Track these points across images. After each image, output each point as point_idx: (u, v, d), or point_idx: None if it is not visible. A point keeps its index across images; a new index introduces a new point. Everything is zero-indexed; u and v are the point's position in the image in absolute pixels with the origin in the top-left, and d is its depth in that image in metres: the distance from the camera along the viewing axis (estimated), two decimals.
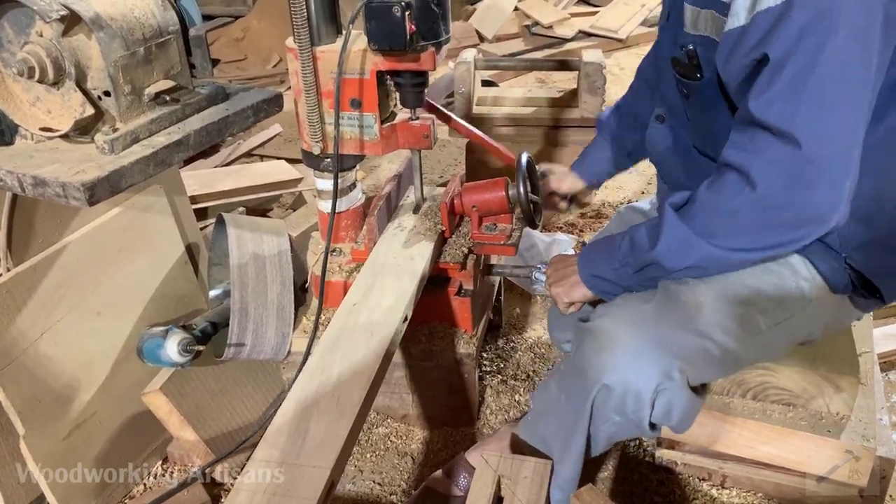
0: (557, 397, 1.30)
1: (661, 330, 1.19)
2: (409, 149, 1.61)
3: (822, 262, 1.26)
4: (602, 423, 1.25)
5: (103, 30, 1.22)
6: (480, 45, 4.65)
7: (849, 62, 1.02)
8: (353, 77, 1.45)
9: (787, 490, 1.50)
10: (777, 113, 1.05)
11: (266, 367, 1.76)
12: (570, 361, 1.28)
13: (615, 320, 1.22)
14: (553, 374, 1.35)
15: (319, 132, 1.50)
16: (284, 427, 1.10)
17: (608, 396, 1.19)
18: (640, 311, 1.22)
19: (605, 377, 1.18)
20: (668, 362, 1.18)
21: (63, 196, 1.19)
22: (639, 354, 1.17)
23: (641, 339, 1.18)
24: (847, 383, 1.41)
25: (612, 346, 1.19)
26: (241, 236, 1.60)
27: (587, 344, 1.22)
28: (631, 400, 1.18)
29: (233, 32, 4.90)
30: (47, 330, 1.44)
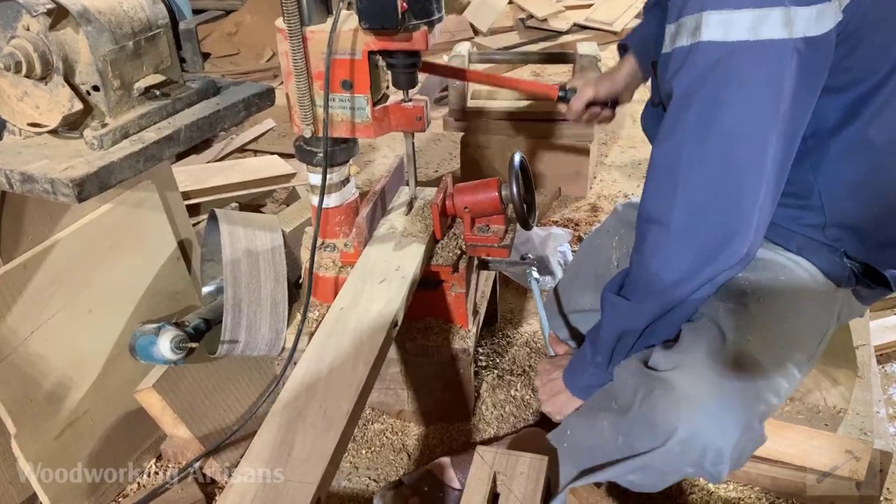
0: (612, 437, 1.25)
1: (740, 382, 1.16)
2: (402, 132, 1.57)
3: (818, 258, 1.26)
4: (672, 472, 1.21)
5: (91, 24, 1.20)
6: (475, 38, 4.64)
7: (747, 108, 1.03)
8: (344, 58, 1.41)
9: (783, 484, 1.49)
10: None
11: (260, 363, 1.75)
12: (633, 406, 1.21)
13: (692, 374, 1.16)
14: (603, 411, 1.29)
15: (310, 115, 1.46)
16: (269, 440, 1.06)
17: (684, 450, 1.15)
18: (715, 365, 1.17)
19: (682, 432, 1.13)
20: (749, 416, 1.15)
21: (52, 192, 1.18)
22: (721, 412, 1.13)
23: (722, 395, 1.14)
24: (844, 376, 1.41)
25: (692, 402, 1.14)
26: (233, 232, 1.59)
27: (660, 396, 1.16)
28: (711, 455, 1.14)
29: (226, 27, 4.88)
30: (38, 328, 1.43)
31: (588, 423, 1.31)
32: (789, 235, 1.27)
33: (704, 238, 1.10)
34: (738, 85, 1.02)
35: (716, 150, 1.05)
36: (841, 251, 1.24)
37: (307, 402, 1.13)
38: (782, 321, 1.23)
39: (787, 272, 1.26)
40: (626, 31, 4.59)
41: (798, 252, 1.27)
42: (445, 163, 3.21)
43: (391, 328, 1.31)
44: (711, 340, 1.20)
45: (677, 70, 1.05)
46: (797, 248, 1.27)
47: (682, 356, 1.19)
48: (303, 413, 1.11)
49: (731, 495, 1.53)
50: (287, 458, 1.03)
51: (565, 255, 2.29)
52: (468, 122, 2.68)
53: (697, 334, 1.23)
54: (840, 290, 1.29)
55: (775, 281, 1.25)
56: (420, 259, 1.53)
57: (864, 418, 1.40)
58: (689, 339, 1.23)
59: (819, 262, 1.27)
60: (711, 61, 1.01)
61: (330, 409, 1.11)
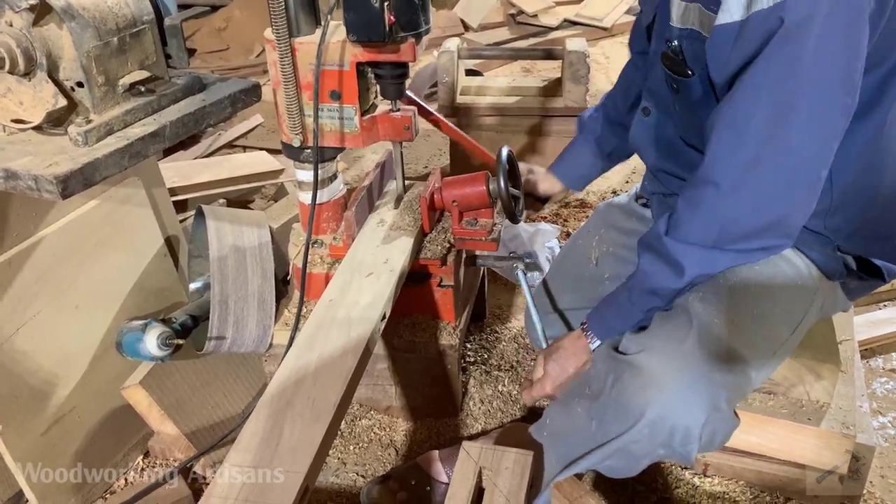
0: (586, 423, 1.26)
1: (706, 363, 1.18)
2: (391, 141, 1.59)
3: (813, 251, 1.27)
4: (644, 456, 1.23)
5: (75, 19, 1.20)
6: (465, 34, 4.63)
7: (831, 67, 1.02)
8: (333, 69, 1.43)
9: (767, 478, 1.51)
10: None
11: (248, 360, 1.75)
12: (604, 391, 1.23)
13: (659, 356, 1.19)
14: (581, 397, 1.30)
15: (299, 124, 1.48)
16: (258, 430, 1.07)
17: (654, 431, 1.17)
18: (682, 345, 1.19)
19: (651, 413, 1.16)
20: (715, 395, 1.17)
21: (36, 189, 1.17)
22: (688, 391, 1.15)
23: (689, 374, 1.16)
24: (827, 371, 1.42)
25: (659, 383, 1.16)
26: (220, 228, 1.59)
27: (629, 379, 1.19)
28: (679, 435, 1.17)
29: (215, 22, 4.86)
30: (23, 325, 1.42)
31: (564, 411, 1.32)
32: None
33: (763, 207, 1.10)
34: (819, 47, 1.00)
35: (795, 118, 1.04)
36: (835, 244, 1.25)
37: (295, 392, 1.14)
38: (752, 307, 1.24)
39: (770, 262, 1.27)
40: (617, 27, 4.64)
41: (794, 244, 1.28)
42: (435, 158, 3.21)
43: (379, 321, 1.31)
44: (679, 325, 1.22)
45: (758, 37, 1.02)
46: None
47: (649, 339, 1.22)
48: (291, 403, 1.12)
49: (717, 489, 1.54)
50: (275, 447, 1.04)
51: (553, 250, 2.30)
52: (457, 117, 2.68)
53: (666, 319, 1.25)
54: (825, 282, 1.30)
55: (749, 270, 1.26)
56: (408, 252, 1.53)
57: (847, 412, 1.41)
58: (657, 324, 1.25)
59: (813, 254, 1.28)
60: (796, 22, 0.98)
61: (318, 400, 1.12)
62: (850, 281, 1.33)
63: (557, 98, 2.61)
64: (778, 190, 1.08)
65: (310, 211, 1.49)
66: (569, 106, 2.55)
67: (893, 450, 1.66)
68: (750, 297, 1.25)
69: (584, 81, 2.52)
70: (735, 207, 1.10)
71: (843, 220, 1.23)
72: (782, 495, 1.51)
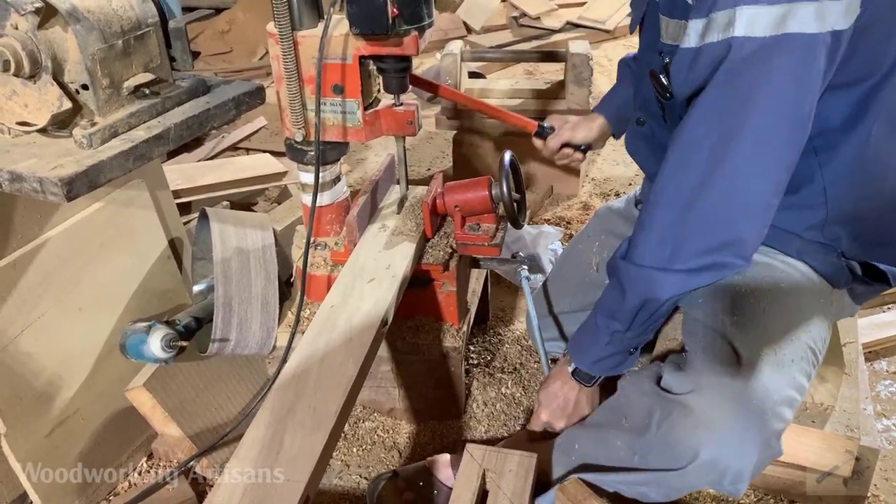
0: (627, 456, 1.25)
1: (757, 403, 1.16)
2: (394, 136, 1.58)
3: (815, 260, 1.27)
4: (685, 490, 1.22)
5: (80, 22, 1.20)
6: (468, 36, 4.64)
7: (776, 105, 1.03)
8: (336, 62, 1.42)
9: (771, 480, 1.50)
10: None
11: (251, 362, 1.75)
12: (650, 428, 1.22)
13: (712, 397, 1.17)
14: (614, 429, 1.29)
15: (301, 119, 1.47)
16: (258, 439, 1.06)
17: (706, 471, 1.16)
18: (733, 384, 1.18)
19: (705, 455, 1.14)
20: (768, 434, 1.16)
21: (40, 191, 1.17)
22: (743, 433, 1.14)
23: (744, 417, 1.15)
24: (831, 374, 1.42)
25: (712, 425, 1.15)
26: (224, 230, 1.59)
27: (678, 419, 1.17)
28: (731, 475, 1.16)
29: (218, 25, 4.87)
30: (28, 326, 1.42)
31: (597, 439, 1.31)
32: (788, 239, 1.27)
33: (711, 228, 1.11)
34: (766, 81, 1.01)
35: (739, 148, 1.05)
36: (838, 251, 1.25)
37: (296, 400, 1.13)
38: (789, 331, 1.23)
39: (787, 277, 1.27)
40: (619, 30, 4.64)
41: (798, 256, 1.28)
42: (438, 161, 3.21)
43: (381, 327, 1.31)
44: (725, 360, 1.21)
45: (708, 65, 1.05)
46: (796, 251, 1.28)
47: (698, 378, 1.20)
48: (292, 411, 1.11)
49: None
50: (276, 456, 1.04)
51: (556, 253, 2.30)
52: (460, 120, 2.68)
53: (709, 353, 1.23)
54: (835, 291, 1.30)
55: (777, 288, 1.26)
56: (410, 258, 1.53)
57: (851, 415, 1.41)
58: (701, 359, 1.23)
59: (817, 264, 1.27)
60: (743, 56, 1.01)
61: (319, 408, 1.11)
62: (857, 286, 1.33)
63: (560, 100, 2.61)
64: (725, 213, 1.09)
65: (311, 208, 1.48)
66: (571, 108, 2.55)
67: None
68: (785, 317, 1.24)
69: (587, 84, 2.52)
70: (684, 227, 1.11)
71: (841, 229, 1.23)
72: (786, 498, 1.51)
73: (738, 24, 0.99)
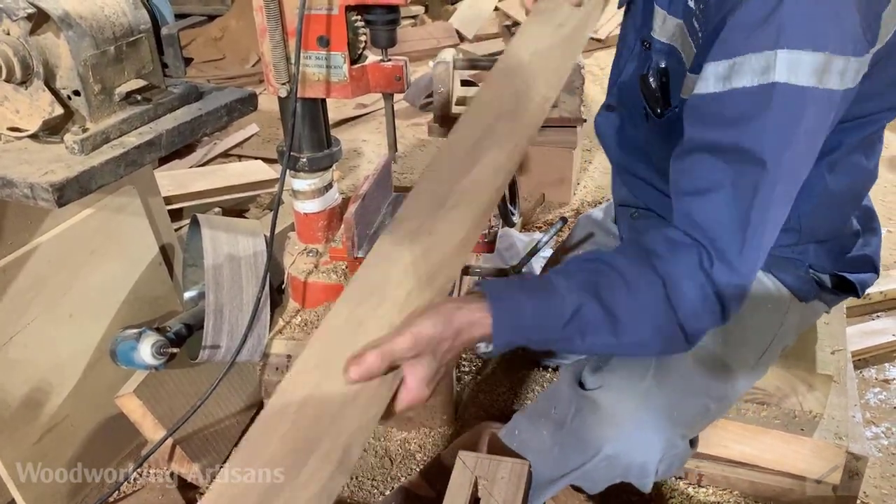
0: (550, 447, 1.28)
1: (663, 401, 1.18)
2: (381, 93, 1.55)
3: (786, 274, 1.27)
4: (602, 481, 1.26)
5: (72, 28, 1.20)
6: (460, 44, 4.65)
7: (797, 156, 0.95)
8: (321, 13, 1.38)
9: (761, 488, 1.51)
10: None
11: (242, 369, 1.75)
12: (566, 421, 1.25)
13: (617, 394, 1.20)
14: (547, 418, 1.30)
15: (285, 73, 1.43)
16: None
17: (611, 464, 1.19)
18: (641, 382, 1.19)
19: (608, 448, 1.17)
20: (672, 433, 1.18)
21: (31, 197, 1.17)
22: (645, 430, 1.17)
23: (646, 413, 1.17)
24: (820, 381, 1.42)
25: (616, 420, 1.17)
26: (216, 237, 1.59)
27: (588, 413, 1.21)
28: (636, 469, 1.19)
29: (211, 32, 4.87)
30: (17, 333, 1.42)
31: (532, 426, 1.33)
32: None
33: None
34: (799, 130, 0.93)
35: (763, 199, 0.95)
36: (806, 265, 1.26)
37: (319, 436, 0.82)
38: (717, 336, 1.21)
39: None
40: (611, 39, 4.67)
41: (766, 269, 1.27)
42: None
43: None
44: (640, 362, 1.22)
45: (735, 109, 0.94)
46: (765, 265, 1.28)
47: (609, 376, 1.23)
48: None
49: (711, 499, 1.54)
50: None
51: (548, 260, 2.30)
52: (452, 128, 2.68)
53: (630, 363, 1.24)
54: (797, 303, 1.29)
55: None
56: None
57: (840, 423, 1.41)
58: (618, 360, 1.24)
59: (785, 277, 1.27)
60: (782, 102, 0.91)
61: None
62: (826, 296, 1.33)
63: (552, 109, 2.61)
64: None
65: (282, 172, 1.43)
66: (563, 117, 2.56)
67: (887, 460, 1.66)
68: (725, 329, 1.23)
69: (579, 93, 2.53)
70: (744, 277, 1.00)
71: (812, 247, 1.24)
72: None
73: (779, 68, 0.90)
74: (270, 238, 1.52)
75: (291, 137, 1.46)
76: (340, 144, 1.70)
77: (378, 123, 3.64)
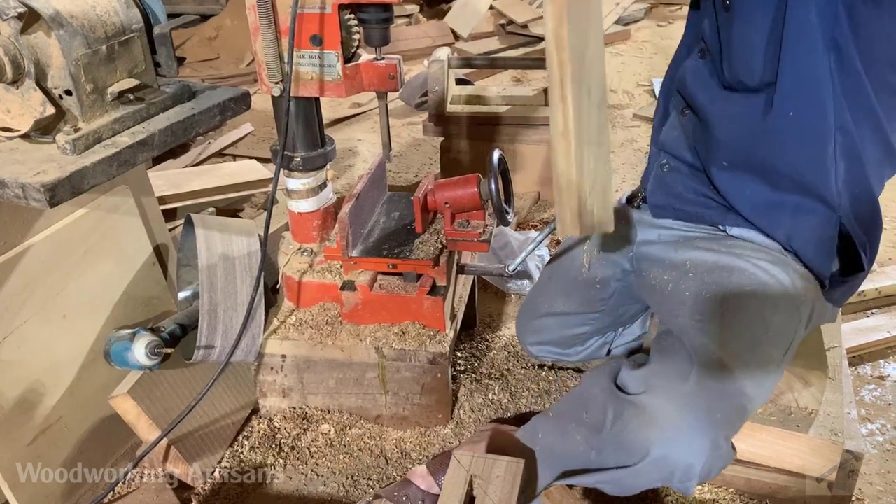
0: (585, 451, 1.27)
1: (706, 402, 1.19)
2: (375, 91, 1.55)
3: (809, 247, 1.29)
4: (640, 487, 1.25)
5: (63, 28, 1.20)
6: (455, 43, 4.65)
7: None
8: (314, 11, 1.38)
9: (757, 485, 1.51)
10: None
11: (237, 369, 1.74)
12: (605, 426, 1.24)
13: (662, 397, 1.20)
14: (574, 422, 1.30)
15: (278, 72, 1.43)
16: None
17: (655, 468, 1.19)
18: (684, 384, 1.20)
19: (655, 452, 1.17)
20: (716, 434, 1.18)
21: (23, 197, 1.17)
22: (691, 432, 1.17)
23: (692, 416, 1.17)
24: (816, 378, 1.43)
25: (662, 424, 1.17)
26: (210, 237, 1.58)
27: (630, 418, 1.20)
28: (680, 473, 1.18)
29: (205, 31, 4.86)
30: (10, 334, 1.41)
31: (559, 431, 1.32)
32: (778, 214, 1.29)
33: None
34: None
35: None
36: (838, 216, 1.26)
37: None
38: (747, 333, 1.24)
39: (755, 281, 1.28)
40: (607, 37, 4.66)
41: (787, 241, 1.29)
42: (426, 167, 3.21)
43: None
44: (680, 362, 1.23)
45: None
46: (786, 235, 1.29)
47: (651, 378, 1.23)
48: None
49: (707, 497, 1.54)
50: None
51: (543, 258, 2.30)
52: (447, 126, 2.69)
53: (666, 355, 1.26)
54: (811, 290, 1.30)
55: (741, 291, 1.27)
56: None
57: (836, 419, 1.41)
58: (656, 360, 1.26)
59: (808, 248, 1.28)
60: None
61: None
62: (833, 291, 1.34)
63: (548, 107, 2.61)
64: None
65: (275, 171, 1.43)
66: None
67: (882, 457, 1.66)
68: (744, 320, 1.25)
69: None
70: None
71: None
72: (772, 503, 1.51)
73: None
74: (265, 238, 1.52)
75: (285, 136, 1.46)
76: (334, 144, 1.70)
77: (373, 122, 3.64)
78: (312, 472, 1.64)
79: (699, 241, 1.39)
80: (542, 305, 1.66)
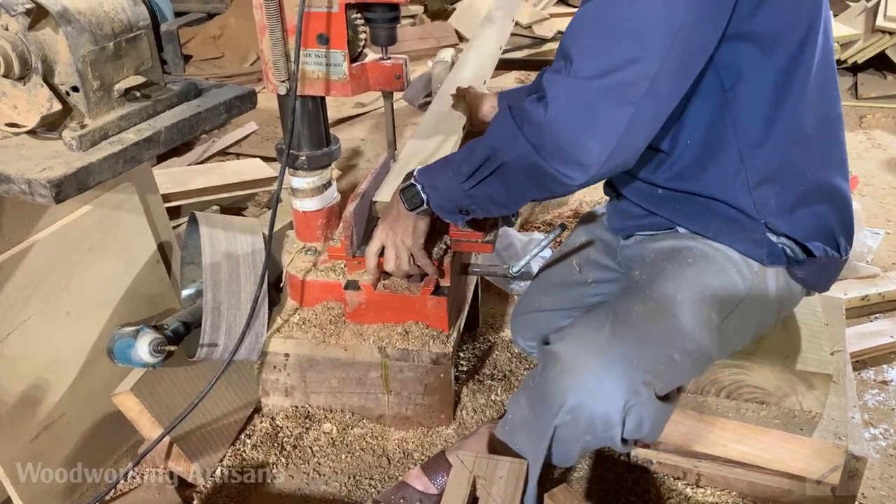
0: (528, 414, 1.30)
1: (622, 348, 1.19)
2: (381, 91, 1.55)
3: (737, 242, 1.29)
4: (573, 442, 1.25)
5: (71, 24, 1.19)
6: (459, 44, 4.65)
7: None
8: (320, 10, 1.38)
9: (760, 489, 1.51)
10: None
11: (240, 367, 1.74)
12: (535, 381, 1.28)
13: (576, 343, 1.22)
14: (524, 389, 1.35)
15: (285, 71, 1.43)
16: None
17: (576, 418, 1.20)
18: (599, 332, 1.22)
19: (570, 400, 1.18)
20: (633, 378, 1.18)
21: (29, 193, 1.17)
22: (603, 375, 1.17)
23: (604, 359, 1.18)
24: (819, 381, 1.42)
25: (575, 369, 1.19)
26: (214, 235, 1.58)
27: (549, 367, 1.22)
28: (599, 421, 1.19)
29: (210, 30, 4.87)
30: (14, 330, 1.41)
31: (515, 401, 1.36)
32: (708, 218, 1.29)
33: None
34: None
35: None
36: (762, 222, 1.26)
37: None
38: (674, 293, 1.25)
39: (700, 253, 1.30)
40: None
41: (714, 237, 1.30)
42: None
43: None
44: (598, 316, 1.26)
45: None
46: (713, 232, 1.30)
47: (569, 329, 1.27)
48: None
49: (709, 500, 1.54)
50: None
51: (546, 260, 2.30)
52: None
53: (589, 314, 1.30)
54: (762, 268, 1.30)
55: (684, 262, 1.30)
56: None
57: (839, 423, 1.41)
58: (579, 318, 1.30)
59: (737, 243, 1.29)
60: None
61: None
62: (794, 270, 1.33)
63: None
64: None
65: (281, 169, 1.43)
66: None
67: (885, 461, 1.66)
68: (672, 283, 1.27)
69: None
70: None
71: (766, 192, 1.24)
72: None
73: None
74: (269, 236, 1.52)
75: (290, 135, 1.46)
76: (339, 143, 1.70)
77: (377, 122, 3.64)
78: (314, 472, 1.64)
79: (661, 237, 1.41)
80: (534, 302, 1.68)
